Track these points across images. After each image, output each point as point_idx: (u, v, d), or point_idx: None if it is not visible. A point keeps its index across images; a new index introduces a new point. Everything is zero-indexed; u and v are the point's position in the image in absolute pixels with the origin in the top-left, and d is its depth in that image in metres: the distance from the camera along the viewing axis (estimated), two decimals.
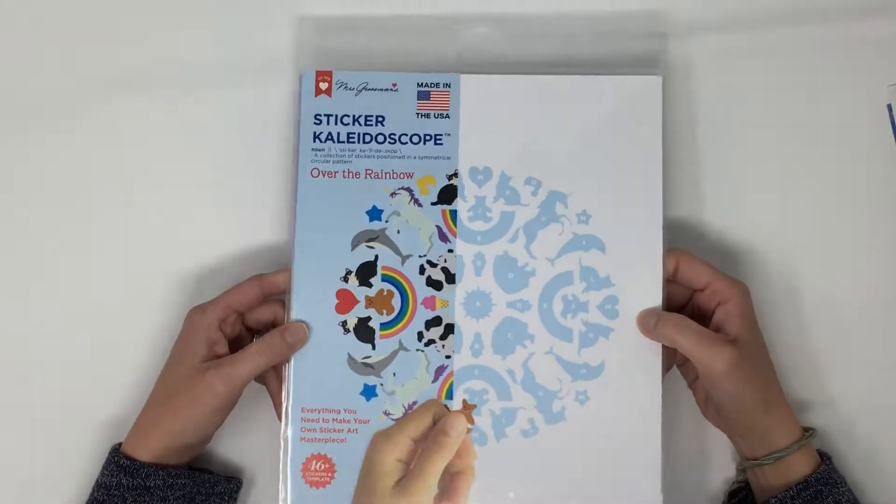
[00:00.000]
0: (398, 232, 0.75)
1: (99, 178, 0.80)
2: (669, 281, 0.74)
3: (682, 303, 0.75)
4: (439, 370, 0.74)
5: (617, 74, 0.76)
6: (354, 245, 0.75)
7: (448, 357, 0.74)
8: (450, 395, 0.74)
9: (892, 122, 0.78)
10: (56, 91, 0.80)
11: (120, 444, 0.73)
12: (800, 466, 0.71)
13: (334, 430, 0.73)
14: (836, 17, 0.80)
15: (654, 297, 0.73)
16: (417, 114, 0.76)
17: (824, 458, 0.73)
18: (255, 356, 0.72)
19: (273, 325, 0.75)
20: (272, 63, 0.79)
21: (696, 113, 0.79)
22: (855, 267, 0.78)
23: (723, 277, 0.73)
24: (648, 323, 0.73)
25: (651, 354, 0.73)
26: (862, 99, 0.79)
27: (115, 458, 0.72)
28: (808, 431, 0.72)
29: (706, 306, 0.73)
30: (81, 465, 0.77)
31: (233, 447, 0.78)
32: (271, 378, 0.75)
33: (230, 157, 0.80)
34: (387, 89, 0.76)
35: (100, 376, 0.78)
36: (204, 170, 0.80)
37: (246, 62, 0.80)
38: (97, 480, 0.73)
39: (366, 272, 0.75)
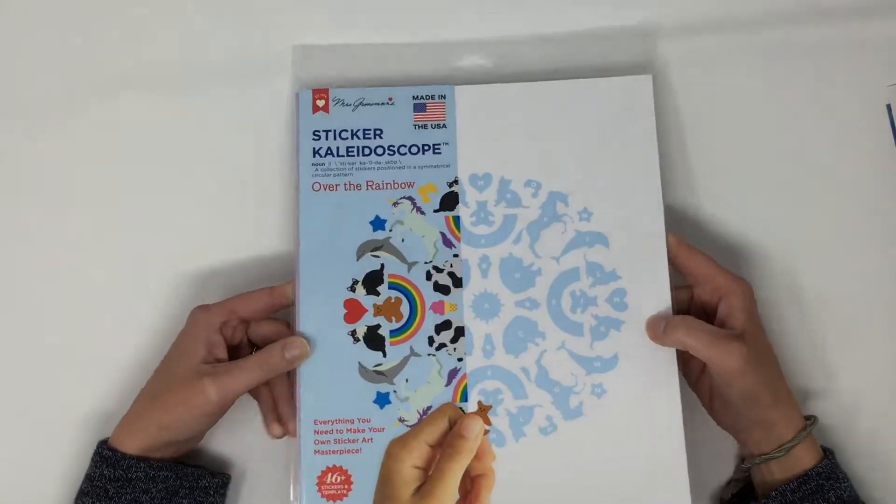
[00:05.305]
0: (402, 240, 0.75)
1: (99, 177, 0.80)
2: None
3: (685, 303, 0.75)
4: (452, 373, 0.73)
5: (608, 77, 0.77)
6: (360, 255, 0.75)
7: (460, 360, 0.73)
8: (465, 398, 0.73)
9: (892, 122, 0.79)
10: (58, 91, 0.81)
11: (108, 438, 0.73)
12: (805, 460, 0.71)
13: (349, 441, 0.72)
14: (836, 17, 0.80)
15: (661, 287, 0.73)
16: (415, 125, 0.77)
17: (827, 453, 0.72)
18: (252, 369, 0.71)
19: None
20: (278, 68, 0.80)
21: (697, 113, 0.79)
22: (854, 266, 0.78)
23: (724, 273, 0.73)
24: (657, 328, 0.72)
25: None
26: (862, 99, 0.79)
27: (100, 450, 0.72)
28: (809, 419, 0.72)
29: (708, 301, 0.73)
30: (77, 460, 0.76)
31: (224, 443, 0.76)
32: (262, 391, 0.74)
33: (238, 160, 0.80)
34: (383, 103, 0.77)
35: (96, 373, 0.77)
36: (211, 171, 0.80)
37: (251, 66, 0.81)
38: (86, 472, 0.73)
39: (372, 281, 0.74)
